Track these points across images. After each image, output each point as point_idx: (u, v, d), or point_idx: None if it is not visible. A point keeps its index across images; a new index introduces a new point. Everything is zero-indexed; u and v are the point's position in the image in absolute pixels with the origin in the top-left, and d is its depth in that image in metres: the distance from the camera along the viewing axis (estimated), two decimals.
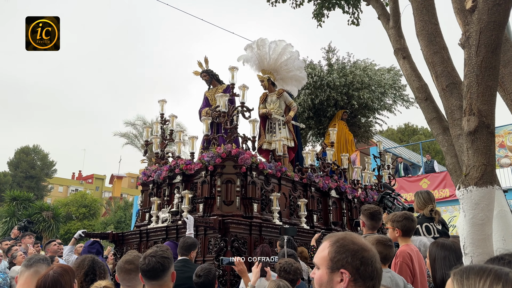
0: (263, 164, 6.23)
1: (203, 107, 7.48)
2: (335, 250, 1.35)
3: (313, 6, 7.69)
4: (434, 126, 4.19)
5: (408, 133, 37.78)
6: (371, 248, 1.36)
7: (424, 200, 4.37)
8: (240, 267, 3.58)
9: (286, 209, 6.61)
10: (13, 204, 21.17)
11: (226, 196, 5.83)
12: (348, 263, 1.31)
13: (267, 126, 7.70)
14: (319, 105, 9.57)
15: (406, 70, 4.68)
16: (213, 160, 5.85)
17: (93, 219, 31.30)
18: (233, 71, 6.50)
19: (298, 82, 8.00)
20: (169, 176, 6.42)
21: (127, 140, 25.92)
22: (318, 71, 9.49)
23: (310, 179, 7.03)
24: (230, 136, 6.14)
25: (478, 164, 2.52)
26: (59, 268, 2.42)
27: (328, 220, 7.26)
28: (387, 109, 10.07)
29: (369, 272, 1.30)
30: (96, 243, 5.67)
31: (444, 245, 2.85)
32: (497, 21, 2.49)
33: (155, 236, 6.17)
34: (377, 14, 5.49)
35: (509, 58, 3.55)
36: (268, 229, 5.81)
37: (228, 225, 5.33)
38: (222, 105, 6.21)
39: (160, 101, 7.26)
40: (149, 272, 2.35)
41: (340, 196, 7.66)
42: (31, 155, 42.42)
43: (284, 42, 7.66)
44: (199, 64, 7.57)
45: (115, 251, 6.76)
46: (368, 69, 9.56)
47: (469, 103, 2.59)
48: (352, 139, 9.32)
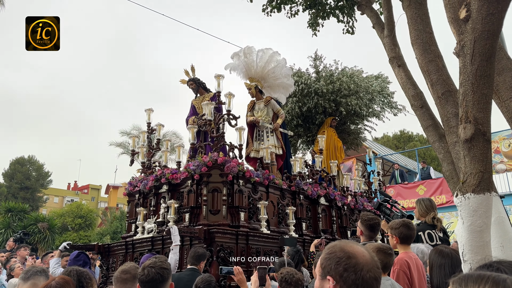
0: (250, 172, 6.17)
1: (190, 115, 7.44)
2: (324, 258, 1.38)
3: (308, 15, 7.74)
4: (430, 133, 4.22)
5: (403, 140, 37.88)
6: (361, 256, 1.34)
7: (426, 208, 4.41)
8: (240, 277, 3.56)
9: (275, 217, 6.54)
10: (8, 216, 21.05)
11: (213, 205, 5.76)
12: (332, 270, 1.32)
13: (255, 134, 7.66)
14: (307, 113, 9.54)
15: (401, 78, 4.71)
16: (199, 169, 5.80)
17: (89, 229, 31.02)
18: (219, 79, 6.47)
19: (285, 89, 7.98)
20: (155, 185, 6.35)
21: (123, 150, 25.84)
22: (305, 78, 9.48)
23: (299, 187, 6.97)
24: (217, 144, 6.10)
25: (475, 171, 2.57)
26: (61, 280, 2.42)
27: (317, 228, 7.19)
28: (376, 116, 10.06)
29: (352, 279, 1.29)
30: (82, 255, 5.55)
31: (442, 253, 2.86)
32: (491, 30, 2.54)
33: (141, 247, 6.09)
34: (372, 23, 5.55)
35: (503, 66, 3.59)
36: (256, 238, 5.74)
37: (214, 235, 5.25)
38: (208, 113, 6.18)
39: (147, 110, 7.22)
40: (148, 283, 2.34)
41: (329, 204, 7.60)
42: (26, 166, 42.14)
43: (271, 50, 7.65)
44: (186, 72, 7.54)
45: (101, 262, 6.66)
46: (355, 76, 9.56)
47: (465, 111, 2.64)
48: (341, 146, 9.28)
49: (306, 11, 7.66)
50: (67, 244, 6.15)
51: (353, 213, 8.18)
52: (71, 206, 33.17)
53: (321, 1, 7.33)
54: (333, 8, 7.42)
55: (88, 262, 5.55)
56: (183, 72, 7.59)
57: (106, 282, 6.42)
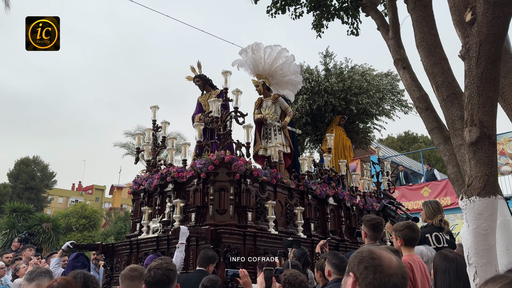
0: (258, 171, 6.00)
1: (196, 113, 7.29)
2: (352, 256, 1.44)
3: (312, 17, 7.65)
4: (435, 135, 4.20)
5: (408, 141, 37.68)
6: (387, 260, 1.37)
7: (434, 210, 4.44)
8: (245, 279, 3.51)
9: (282, 217, 6.36)
10: (13, 216, 21.06)
11: (219, 205, 5.60)
12: (355, 267, 1.38)
13: (263, 132, 7.49)
14: (316, 111, 9.36)
15: (406, 80, 4.70)
16: (206, 167, 5.64)
17: (93, 230, 31.04)
18: (226, 76, 6.31)
19: (293, 86, 7.82)
20: (160, 184, 6.20)
21: (127, 151, 25.77)
22: (315, 76, 9.31)
23: (307, 186, 6.80)
24: (224, 142, 5.94)
25: (480, 174, 2.58)
26: (63, 281, 2.42)
27: (326, 229, 7.01)
28: (386, 114, 9.87)
29: (370, 279, 1.33)
30: (81, 256, 5.39)
31: (447, 257, 2.84)
32: (497, 33, 2.55)
33: (145, 247, 5.95)
34: (377, 25, 5.54)
35: (508, 69, 3.57)
36: (263, 239, 5.58)
37: (221, 235, 5.10)
38: (215, 110, 6.02)
39: (152, 107, 7.07)
40: (154, 284, 2.34)
41: (338, 204, 7.42)
42: (31, 167, 42.24)
43: (279, 47, 7.49)
44: (192, 69, 7.38)
45: (105, 262, 6.52)
46: (367, 74, 9.37)
47: (470, 114, 2.65)
48: (350, 145, 9.09)
49: (310, 13, 7.58)
50: (70, 243, 6.02)
51: (362, 214, 7.99)
52: (75, 206, 33.22)
53: (325, 2, 7.27)
54: (337, 10, 7.41)
55: (87, 265, 5.40)
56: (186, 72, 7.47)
57: (110, 283, 6.28)
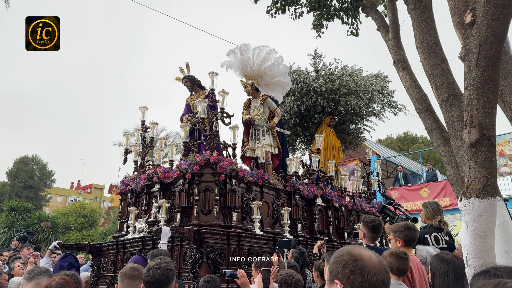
0: (244, 171, 6.03)
1: (185, 113, 7.31)
2: (332, 262, 1.39)
3: (312, 17, 7.67)
4: (435, 136, 4.23)
5: (407, 142, 37.64)
6: (368, 259, 1.34)
7: (433, 211, 4.46)
8: (243, 280, 3.54)
9: (269, 218, 6.39)
10: (11, 215, 21.15)
11: (204, 205, 5.63)
12: (339, 273, 1.33)
13: (251, 133, 7.51)
14: (305, 112, 9.36)
15: (405, 81, 4.71)
16: (191, 168, 5.68)
17: (92, 229, 31.12)
18: (213, 76, 6.35)
19: (282, 87, 7.83)
20: (147, 184, 6.23)
21: None
22: (304, 77, 9.32)
23: (294, 187, 6.82)
24: (210, 142, 5.97)
25: (479, 175, 2.59)
26: (61, 280, 2.43)
27: (313, 229, 7.03)
28: (376, 115, 9.87)
29: (359, 282, 1.29)
30: (69, 256, 5.42)
31: (444, 260, 2.86)
32: (496, 35, 2.55)
33: (131, 247, 5.98)
34: (377, 25, 5.57)
35: (508, 70, 3.59)
36: (248, 239, 5.60)
37: (204, 235, 5.12)
38: (201, 111, 6.06)
39: (141, 107, 7.11)
40: (153, 284, 2.34)
41: (326, 204, 7.44)
42: (30, 165, 42.33)
43: (267, 48, 7.51)
44: (181, 70, 7.40)
45: (93, 262, 6.56)
46: (355, 74, 9.37)
47: (470, 116, 2.65)
48: (340, 146, 9.10)
49: (310, 13, 7.61)
50: (57, 243, 6.04)
51: (350, 214, 8.02)
52: (74, 205, 33.31)
53: (325, 3, 7.28)
54: (337, 10, 7.44)
55: (75, 265, 5.41)
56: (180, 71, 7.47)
57: (97, 282, 6.31)
